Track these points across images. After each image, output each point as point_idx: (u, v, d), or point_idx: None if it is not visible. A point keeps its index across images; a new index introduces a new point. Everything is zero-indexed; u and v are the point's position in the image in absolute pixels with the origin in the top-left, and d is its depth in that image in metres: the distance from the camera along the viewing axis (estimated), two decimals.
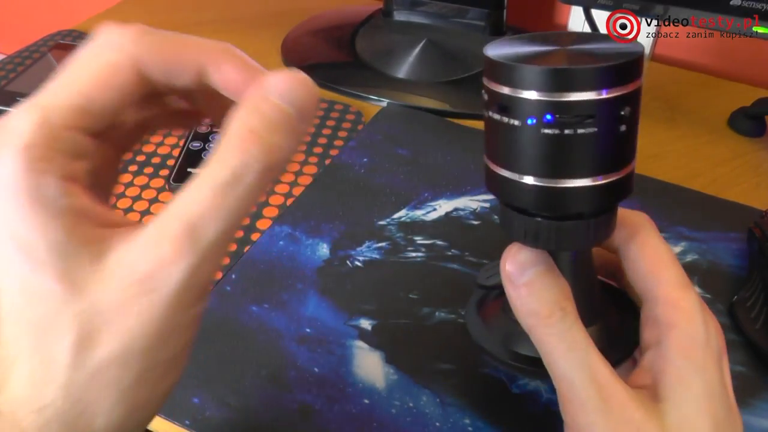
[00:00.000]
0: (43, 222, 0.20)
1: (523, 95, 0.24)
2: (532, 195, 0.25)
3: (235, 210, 0.21)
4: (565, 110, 0.23)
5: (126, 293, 0.20)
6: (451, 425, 0.35)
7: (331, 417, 0.35)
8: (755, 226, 0.44)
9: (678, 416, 0.25)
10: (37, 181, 0.20)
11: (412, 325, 0.40)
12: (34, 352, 0.21)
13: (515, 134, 0.24)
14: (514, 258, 0.27)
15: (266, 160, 0.21)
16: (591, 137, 0.24)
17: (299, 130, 0.22)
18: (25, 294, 0.21)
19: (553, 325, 0.26)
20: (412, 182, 0.50)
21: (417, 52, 0.65)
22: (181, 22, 0.74)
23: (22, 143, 0.20)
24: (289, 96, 0.22)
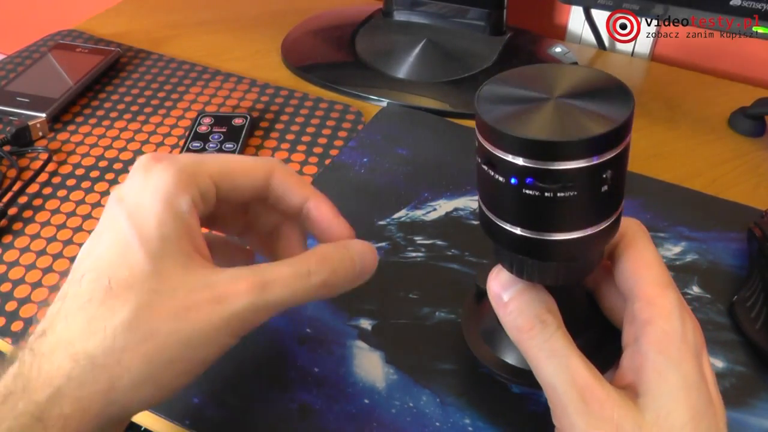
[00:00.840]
0: (165, 221, 0.27)
1: (507, 158, 0.24)
2: (517, 241, 0.26)
3: (295, 292, 0.28)
4: (546, 177, 0.24)
5: (198, 296, 0.27)
6: (451, 425, 0.35)
7: (331, 417, 0.35)
8: (755, 226, 0.44)
9: (655, 409, 0.25)
10: (177, 192, 0.28)
11: (412, 325, 0.40)
12: (101, 304, 0.26)
13: (500, 188, 0.25)
14: (496, 279, 0.30)
15: (328, 279, 0.29)
16: (571, 200, 0.24)
17: (355, 279, 0.31)
18: (120, 259, 0.27)
19: (534, 337, 0.28)
20: (412, 182, 0.50)
21: (417, 52, 0.65)
22: (181, 22, 0.74)
23: (179, 166, 0.29)
24: (362, 257, 0.31)
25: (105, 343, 0.26)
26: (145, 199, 0.28)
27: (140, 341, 0.26)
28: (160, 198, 0.28)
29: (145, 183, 0.29)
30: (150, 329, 0.26)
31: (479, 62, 0.63)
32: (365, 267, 0.31)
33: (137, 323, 0.26)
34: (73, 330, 0.26)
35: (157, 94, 0.62)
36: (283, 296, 0.28)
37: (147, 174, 0.29)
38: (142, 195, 0.28)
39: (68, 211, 0.48)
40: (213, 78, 0.64)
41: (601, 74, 0.26)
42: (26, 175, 0.51)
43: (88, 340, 0.26)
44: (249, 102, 0.60)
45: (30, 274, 0.43)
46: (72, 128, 0.57)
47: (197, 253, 0.28)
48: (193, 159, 0.30)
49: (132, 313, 0.26)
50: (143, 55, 0.67)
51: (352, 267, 0.30)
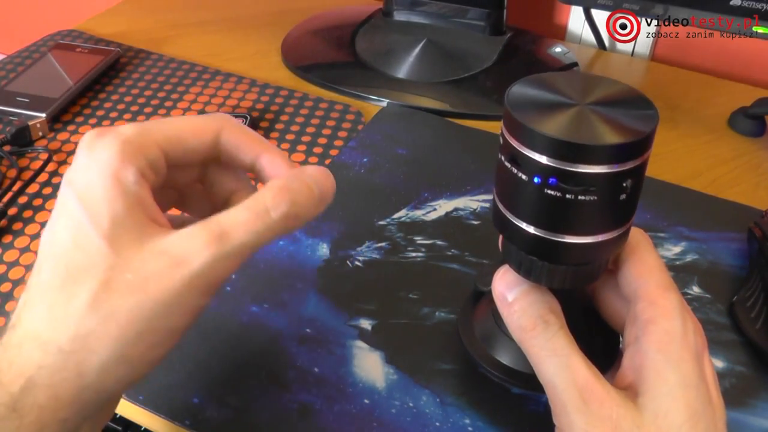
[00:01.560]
0: (114, 196, 0.26)
1: (533, 156, 0.25)
2: (530, 241, 0.27)
3: (257, 233, 0.27)
4: (569, 179, 0.24)
5: (154, 264, 0.26)
6: (451, 425, 0.35)
7: (331, 417, 0.35)
8: (755, 226, 0.44)
9: (654, 408, 0.26)
10: (122, 166, 0.27)
11: (412, 325, 0.40)
12: (60, 291, 0.26)
13: (521, 186, 0.26)
14: (502, 279, 0.30)
15: (289, 210, 0.28)
16: (591, 204, 0.25)
17: (316, 205, 0.29)
18: (74, 242, 0.26)
19: (536, 336, 0.28)
20: (412, 182, 0.50)
21: (417, 52, 0.65)
22: (181, 22, 0.74)
23: (122, 138, 0.28)
24: (318, 182, 0.29)
25: (69, 330, 0.26)
26: (92, 178, 0.27)
27: (102, 321, 0.25)
28: (106, 174, 0.27)
29: (90, 161, 0.28)
30: (110, 308, 0.26)
31: (479, 62, 0.63)
32: (324, 191, 0.29)
33: (97, 304, 0.26)
34: (37, 320, 0.26)
35: (157, 94, 0.62)
36: (245, 241, 0.27)
37: (91, 151, 0.28)
38: (88, 174, 0.27)
39: None
40: (213, 78, 0.64)
41: (629, 88, 0.27)
42: (26, 175, 0.51)
43: (53, 329, 0.26)
44: (249, 102, 0.60)
45: (30, 274, 0.43)
46: (72, 128, 0.57)
47: (152, 221, 0.27)
48: (138, 128, 0.29)
49: (90, 294, 0.26)
50: (143, 55, 0.67)
51: (310, 194, 0.29)
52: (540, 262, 0.28)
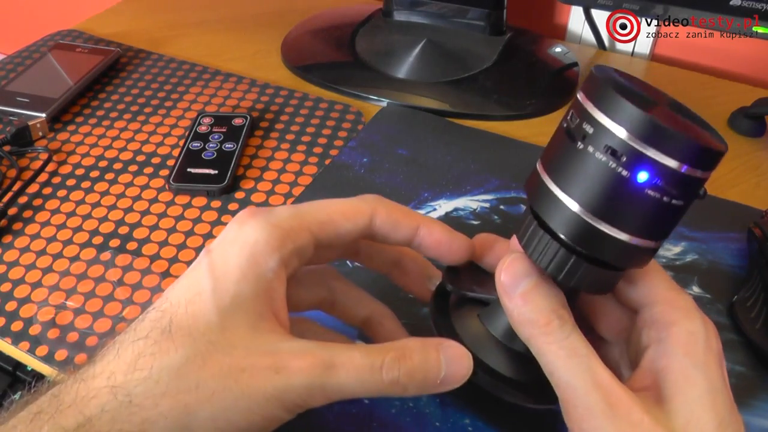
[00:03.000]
0: (246, 277, 0.26)
1: (663, 160, 0.23)
2: (572, 223, 0.25)
3: (363, 383, 0.26)
4: (687, 183, 0.24)
5: (256, 360, 0.25)
6: (451, 425, 0.35)
7: (331, 417, 0.35)
8: (755, 226, 0.44)
9: (685, 415, 0.25)
10: (266, 251, 0.27)
11: (412, 325, 0.40)
12: (154, 344, 0.25)
13: (611, 180, 0.24)
14: (509, 269, 0.28)
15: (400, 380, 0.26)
16: (677, 209, 0.25)
17: (434, 386, 0.27)
18: (187, 305, 0.26)
19: (552, 333, 0.26)
20: (412, 182, 0.50)
21: (417, 52, 0.65)
22: (181, 22, 0.74)
23: (274, 222, 0.28)
24: (450, 362, 0.27)
25: (147, 384, 0.25)
26: (231, 253, 0.27)
27: (183, 390, 0.25)
28: (246, 254, 0.27)
29: (236, 237, 0.28)
30: (197, 380, 0.25)
31: (479, 62, 0.63)
32: (451, 376, 0.27)
33: (185, 371, 0.25)
34: (120, 362, 0.26)
35: (157, 94, 0.62)
36: (347, 383, 0.26)
37: (240, 228, 0.28)
38: (229, 248, 0.27)
39: (68, 211, 0.48)
40: (213, 78, 0.64)
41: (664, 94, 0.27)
42: (26, 175, 0.51)
43: (131, 375, 0.25)
44: (249, 102, 0.60)
45: (30, 274, 0.43)
46: (72, 128, 0.57)
47: (273, 316, 0.27)
48: (292, 213, 0.29)
49: (183, 359, 0.25)
50: (143, 55, 0.67)
51: (433, 373, 0.27)
52: (577, 260, 0.26)
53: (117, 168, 0.53)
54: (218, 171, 0.50)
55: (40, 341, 0.39)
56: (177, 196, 0.50)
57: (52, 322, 0.40)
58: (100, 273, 0.43)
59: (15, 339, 0.39)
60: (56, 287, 0.42)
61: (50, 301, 0.41)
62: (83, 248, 0.45)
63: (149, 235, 0.46)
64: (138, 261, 0.44)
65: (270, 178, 0.51)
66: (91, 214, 0.48)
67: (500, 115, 0.59)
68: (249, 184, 0.51)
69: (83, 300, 0.42)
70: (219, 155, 0.52)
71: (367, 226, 0.30)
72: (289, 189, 0.50)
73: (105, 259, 0.44)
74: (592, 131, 0.24)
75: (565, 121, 0.25)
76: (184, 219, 0.48)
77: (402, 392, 0.27)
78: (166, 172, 0.52)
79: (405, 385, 0.27)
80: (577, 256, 0.26)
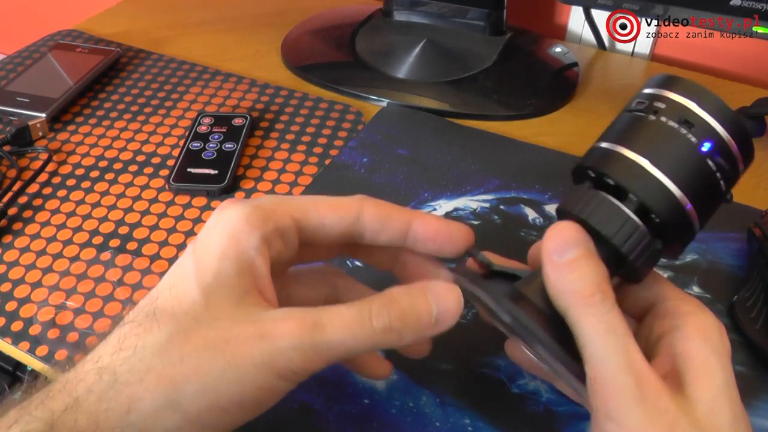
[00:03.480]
0: (226, 254, 0.27)
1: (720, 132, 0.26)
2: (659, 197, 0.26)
3: (355, 337, 0.26)
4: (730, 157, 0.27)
5: (240, 329, 0.25)
6: (451, 425, 0.35)
7: (331, 417, 0.35)
8: (755, 226, 0.44)
9: (706, 407, 0.25)
10: (246, 229, 0.27)
11: None
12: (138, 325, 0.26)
13: (681, 146, 0.26)
14: (559, 236, 0.27)
15: (392, 324, 0.26)
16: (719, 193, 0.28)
17: (429, 326, 0.27)
18: (171, 287, 0.27)
19: (594, 305, 0.25)
20: (412, 182, 0.50)
21: (417, 52, 0.65)
22: (181, 22, 0.74)
23: (253, 204, 0.28)
24: (440, 301, 0.27)
25: (131, 362, 0.25)
26: (213, 234, 0.27)
27: (168, 365, 0.24)
28: (227, 233, 0.27)
29: (217, 220, 0.28)
30: (180, 354, 0.25)
31: (479, 62, 0.63)
32: (444, 313, 0.27)
33: (168, 347, 0.25)
34: (106, 346, 0.26)
35: (157, 94, 0.62)
36: (338, 339, 0.25)
37: (221, 212, 0.28)
38: (211, 231, 0.28)
39: (68, 211, 0.48)
40: (213, 78, 0.64)
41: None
42: (26, 175, 0.51)
43: (116, 356, 0.25)
44: (249, 102, 0.60)
45: (30, 274, 0.43)
46: (72, 128, 0.57)
47: (257, 292, 0.27)
48: (273, 198, 0.29)
49: (165, 336, 0.25)
50: (143, 55, 0.67)
51: (426, 313, 0.27)
52: (648, 236, 0.27)
53: (117, 168, 0.53)
54: (218, 171, 0.50)
55: (40, 341, 0.39)
56: (177, 196, 0.50)
57: (52, 322, 0.40)
58: (100, 273, 0.43)
59: (15, 339, 0.39)
60: (56, 287, 0.42)
61: (50, 301, 0.41)
62: (83, 248, 0.45)
63: (149, 235, 0.46)
64: (138, 261, 0.44)
65: (270, 178, 0.51)
66: (91, 214, 0.48)
67: (500, 115, 0.59)
68: (249, 184, 0.51)
69: (83, 300, 0.42)
70: (219, 155, 0.52)
71: (355, 221, 0.30)
72: (289, 189, 0.50)
73: (105, 259, 0.44)
74: (664, 106, 0.27)
75: (630, 110, 0.28)
76: (184, 219, 0.48)
77: (398, 339, 0.26)
78: (166, 172, 0.52)
79: (399, 331, 0.26)
80: (643, 225, 0.27)
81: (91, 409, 0.24)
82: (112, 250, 0.45)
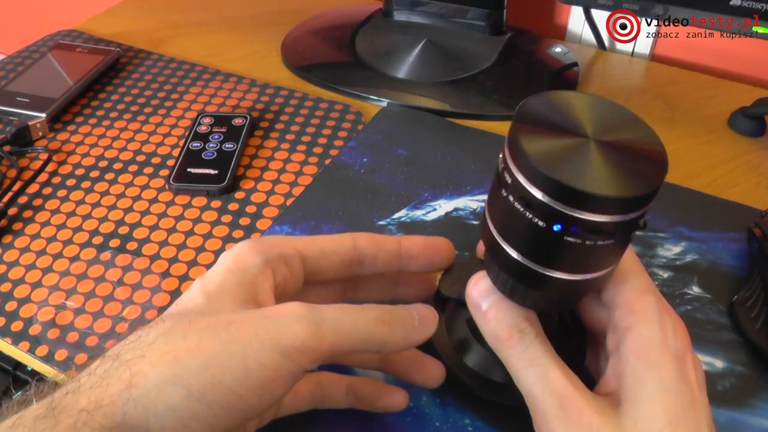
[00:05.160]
0: (229, 270, 0.29)
1: (556, 206, 0.23)
2: (517, 268, 0.26)
3: (353, 322, 0.28)
4: (596, 229, 0.23)
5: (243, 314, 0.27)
6: (451, 425, 0.34)
7: (331, 417, 0.35)
8: (755, 226, 0.44)
9: (634, 415, 0.26)
10: (249, 254, 0.30)
11: None
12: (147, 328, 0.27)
13: (531, 228, 0.24)
14: (476, 286, 0.30)
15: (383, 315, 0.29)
16: (606, 247, 0.24)
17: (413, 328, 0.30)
18: (179, 303, 0.28)
19: (513, 346, 0.28)
20: (412, 182, 0.50)
21: (417, 52, 0.65)
22: (181, 22, 0.74)
23: (258, 239, 0.31)
24: (419, 312, 0.30)
25: (135, 344, 0.25)
26: (219, 262, 0.30)
27: (171, 341, 0.25)
28: (231, 258, 0.30)
29: (224, 255, 0.30)
30: (183, 333, 0.25)
31: (479, 62, 0.63)
32: (423, 321, 0.30)
33: (172, 331, 0.26)
34: (118, 344, 0.27)
35: (157, 94, 0.62)
36: (338, 319, 0.27)
37: (228, 250, 0.31)
38: (218, 262, 0.30)
39: (68, 211, 0.48)
40: (213, 78, 0.64)
41: (627, 113, 0.26)
42: (26, 175, 0.51)
43: (123, 344, 0.26)
44: (249, 102, 0.60)
45: (30, 274, 0.43)
46: (72, 128, 0.57)
47: (258, 303, 0.29)
48: (278, 236, 0.33)
49: (170, 326, 0.26)
50: (143, 55, 0.67)
51: (409, 317, 0.30)
52: (522, 286, 0.27)
53: (117, 168, 0.53)
54: (218, 171, 0.50)
55: (40, 341, 0.39)
56: (177, 196, 0.50)
57: (52, 322, 0.40)
58: (100, 273, 0.43)
59: (15, 339, 0.39)
60: (56, 287, 0.42)
61: (50, 301, 0.41)
62: (83, 248, 0.45)
63: (149, 235, 0.46)
64: (138, 261, 0.44)
65: (270, 178, 0.51)
66: (91, 214, 0.48)
67: (500, 115, 0.59)
68: (249, 184, 0.51)
69: (83, 300, 0.42)
70: (219, 155, 0.52)
71: (352, 248, 0.33)
72: (289, 189, 0.50)
73: (105, 259, 0.44)
74: (510, 181, 0.24)
75: (498, 164, 0.26)
76: (184, 219, 0.48)
77: (389, 331, 0.29)
78: (166, 172, 0.52)
79: (391, 324, 0.29)
80: (525, 286, 0.27)
81: (92, 389, 0.24)
82: (112, 250, 0.45)
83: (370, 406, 0.34)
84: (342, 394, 0.34)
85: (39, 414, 0.24)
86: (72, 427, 0.23)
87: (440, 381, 0.34)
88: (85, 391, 0.24)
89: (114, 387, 0.24)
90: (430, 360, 0.34)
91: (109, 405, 0.24)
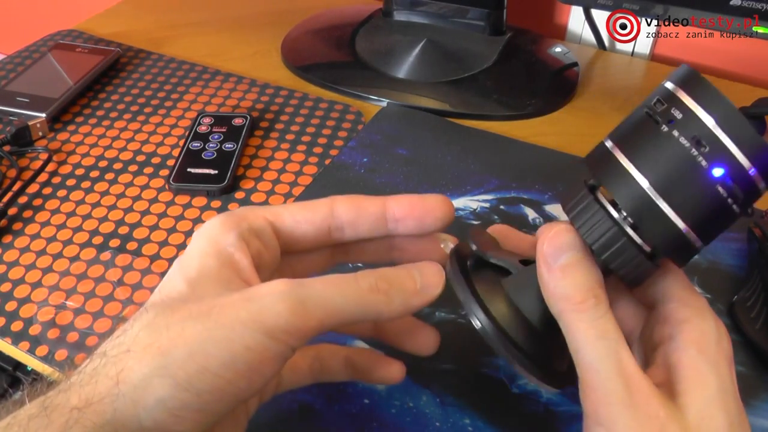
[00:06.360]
0: (206, 253, 0.28)
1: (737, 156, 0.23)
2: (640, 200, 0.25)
3: (343, 295, 0.26)
4: (747, 185, 0.24)
5: (226, 298, 0.25)
6: (451, 425, 0.35)
7: (331, 417, 0.35)
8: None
9: (698, 414, 0.25)
10: (222, 231, 0.28)
11: None
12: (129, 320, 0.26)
13: (689, 166, 0.24)
14: (554, 239, 0.27)
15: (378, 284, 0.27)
16: (731, 215, 0.24)
17: (413, 293, 0.28)
18: (160, 291, 0.28)
19: (585, 311, 0.26)
20: (412, 182, 0.50)
21: (417, 52, 0.65)
22: (181, 22, 0.74)
23: (228, 213, 0.29)
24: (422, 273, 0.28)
25: (120, 339, 0.25)
26: (193, 244, 0.29)
27: (155, 333, 0.25)
28: (204, 238, 0.28)
29: (196, 234, 0.29)
30: (166, 323, 0.25)
31: (479, 62, 0.63)
32: (427, 284, 0.28)
33: (155, 321, 0.25)
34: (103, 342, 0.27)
35: (157, 94, 0.62)
36: (324, 293, 0.26)
37: (199, 228, 0.30)
38: (192, 243, 0.29)
39: (68, 211, 0.48)
40: (213, 78, 0.64)
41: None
42: (26, 175, 0.51)
43: (108, 340, 0.26)
44: (249, 102, 0.60)
45: (30, 274, 0.43)
46: (72, 128, 0.57)
47: (242, 281, 0.27)
48: (246, 207, 0.30)
49: (152, 316, 0.25)
50: (143, 55, 0.67)
51: (409, 279, 0.28)
52: (626, 241, 0.25)
53: (117, 168, 0.53)
54: (218, 171, 0.50)
55: (40, 341, 0.39)
56: (177, 196, 0.50)
57: (52, 322, 0.40)
58: (100, 273, 0.43)
59: (15, 339, 0.39)
60: (56, 287, 0.42)
61: (50, 301, 0.41)
62: (83, 248, 0.45)
63: (149, 235, 0.46)
64: (138, 261, 0.44)
65: (270, 178, 0.51)
66: (91, 214, 0.48)
67: (500, 115, 0.59)
68: (249, 184, 0.51)
69: (83, 300, 0.42)
70: (219, 155, 0.52)
71: (328, 215, 0.30)
72: (289, 189, 0.50)
73: (105, 259, 0.44)
74: (680, 117, 0.24)
75: (647, 108, 0.25)
76: (184, 219, 0.48)
77: (387, 301, 0.27)
78: (166, 172, 0.52)
79: (387, 292, 0.27)
80: (627, 239, 0.25)
81: (82, 387, 0.24)
82: (112, 250, 0.45)
83: (367, 378, 0.33)
84: (341, 366, 0.33)
85: (33, 413, 0.24)
86: (64, 425, 0.23)
87: (434, 349, 0.32)
88: (75, 389, 0.24)
89: (102, 384, 0.24)
90: (425, 327, 0.32)
91: (99, 402, 0.24)
